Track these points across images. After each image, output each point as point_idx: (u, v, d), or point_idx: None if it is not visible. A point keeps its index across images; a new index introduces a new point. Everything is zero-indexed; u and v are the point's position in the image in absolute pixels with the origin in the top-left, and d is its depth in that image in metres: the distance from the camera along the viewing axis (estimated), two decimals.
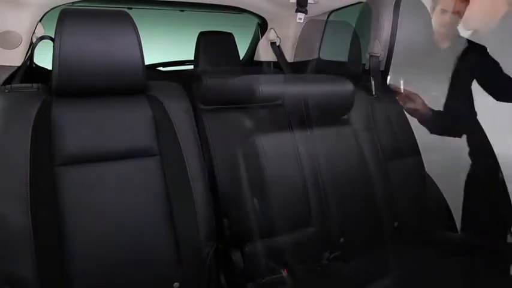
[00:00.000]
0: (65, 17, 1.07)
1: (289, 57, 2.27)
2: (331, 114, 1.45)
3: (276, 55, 2.28)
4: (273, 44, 2.27)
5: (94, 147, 1.09)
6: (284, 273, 1.24)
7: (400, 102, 1.62)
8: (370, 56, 1.63)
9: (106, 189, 1.08)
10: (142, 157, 1.14)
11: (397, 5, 1.73)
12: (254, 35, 2.42)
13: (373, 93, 1.36)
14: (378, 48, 1.61)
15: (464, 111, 1.60)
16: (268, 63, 2.37)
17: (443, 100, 1.67)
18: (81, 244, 1.03)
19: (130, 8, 1.83)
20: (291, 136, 1.35)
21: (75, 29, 1.06)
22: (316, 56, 2.33)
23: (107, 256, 1.05)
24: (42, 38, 1.45)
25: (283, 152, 1.33)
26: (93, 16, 1.10)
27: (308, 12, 1.78)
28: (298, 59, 2.27)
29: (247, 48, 2.48)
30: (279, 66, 2.29)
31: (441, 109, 1.68)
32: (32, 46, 1.48)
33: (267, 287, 1.24)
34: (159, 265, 1.10)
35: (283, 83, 1.40)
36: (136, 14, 1.40)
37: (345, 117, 1.48)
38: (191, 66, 2.17)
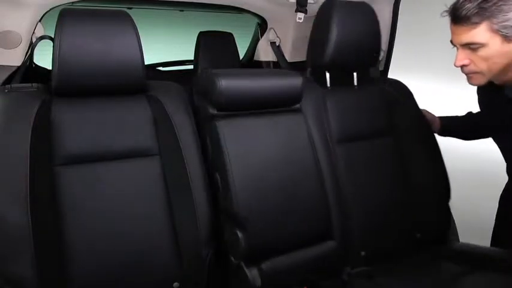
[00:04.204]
0: (65, 17, 1.07)
1: (289, 57, 2.27)
2: None
3: (275, 55, 2.28)
4: (272, 44, 2.27)
5: (94, 147, 1.09)
6: None
7: None
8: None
9: (105, 189, 1.08)
10: (142, 157, 1.14)
11: (396, 5, 1.73)
12: (254, 35, 2.41)
13: (328, 85, 1.41)
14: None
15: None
16: (268, 63, 2.37)
17: None
18: (80, 244, 1.03)
19: (131, 8, 1.82)
20: (309, 141, 1.29)
21: (75, 29, 1.06)
22: None
23: (106, 256, 1.05)
24: (42, 37, 1.45)
25: (300, 158, 1.26)
26: (93, 16, 1.10)
27: (308, 12, 1.78)
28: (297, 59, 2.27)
29: (247, 48, 2.48)
30: (279, 66, 2.29)
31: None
32: (31, 46, 1.48)
33: None
34: (159, 265, 1.10)
35: (303, 85, 1.30)
36: (136, 14, 1.40)
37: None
38: (191, 66, 2.17)
